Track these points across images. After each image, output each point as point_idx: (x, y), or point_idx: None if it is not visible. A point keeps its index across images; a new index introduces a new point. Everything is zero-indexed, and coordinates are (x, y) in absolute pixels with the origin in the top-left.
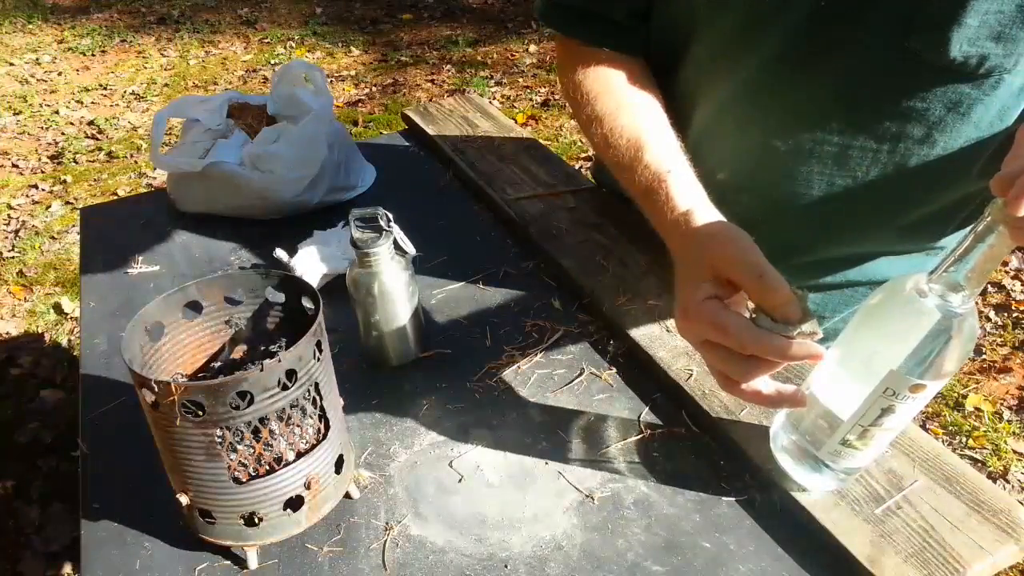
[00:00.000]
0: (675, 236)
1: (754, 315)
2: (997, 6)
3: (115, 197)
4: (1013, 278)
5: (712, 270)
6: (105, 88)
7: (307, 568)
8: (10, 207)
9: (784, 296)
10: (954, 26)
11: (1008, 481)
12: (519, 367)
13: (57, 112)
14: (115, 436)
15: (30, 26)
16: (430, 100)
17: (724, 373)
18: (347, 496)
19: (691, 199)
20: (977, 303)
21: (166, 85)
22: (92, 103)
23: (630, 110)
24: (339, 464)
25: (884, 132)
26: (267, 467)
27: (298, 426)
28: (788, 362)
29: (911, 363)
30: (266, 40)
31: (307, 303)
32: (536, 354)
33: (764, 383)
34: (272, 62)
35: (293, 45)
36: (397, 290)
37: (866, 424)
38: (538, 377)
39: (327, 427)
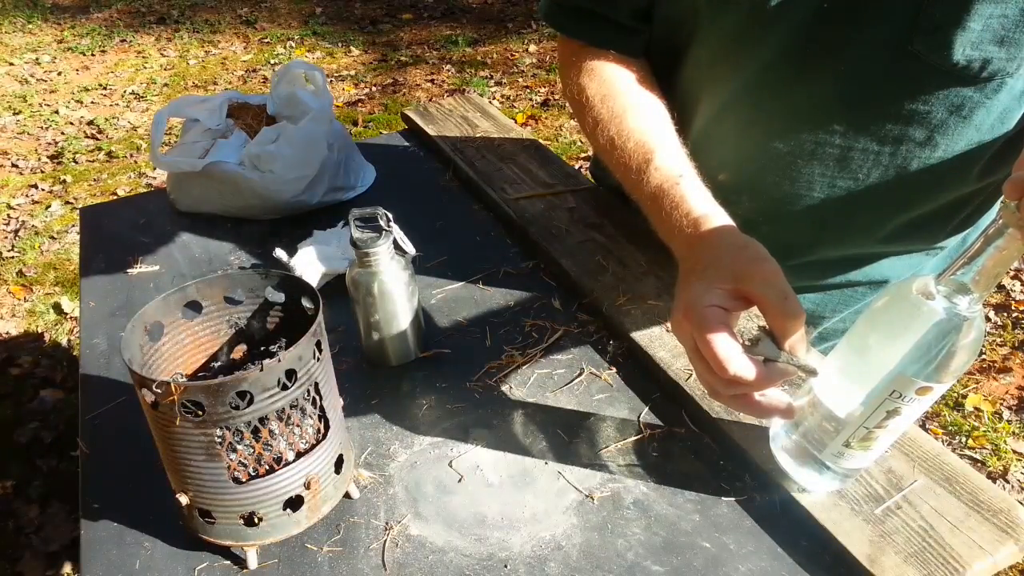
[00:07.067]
0: (686, 239)
1: (752, 338)
2: (1001, 10)
3: (115, 197)
4: (1013, 278)
5: (735, 280)
6: (105, 88)
7: (307, 568)
8: (10, 207)
9: (800, 325)
10: (957, 30)
11: (1008, 481)
12: (519, 367)
13: (57, 112)
14: (115, 436)
15: (30, 26)
16: (430, 100)
17: (710, 383)
18: (347, 496)
19: (707, 204)
20: None
21: (166, 85)
22: (92, 103)
23: (637, 113)
24: (339, 464)
25: (886, 134)
26: (267, 467)
27: (298, 426)
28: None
29: (918, 365)
30: (266, 40)
31: (307, 303)
32: (536, 354)
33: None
34: (272, 62)
35: (293, 45)
36: (397, 290)
37: (871, 426)
38: (538, 377)
39: (327, 427)
